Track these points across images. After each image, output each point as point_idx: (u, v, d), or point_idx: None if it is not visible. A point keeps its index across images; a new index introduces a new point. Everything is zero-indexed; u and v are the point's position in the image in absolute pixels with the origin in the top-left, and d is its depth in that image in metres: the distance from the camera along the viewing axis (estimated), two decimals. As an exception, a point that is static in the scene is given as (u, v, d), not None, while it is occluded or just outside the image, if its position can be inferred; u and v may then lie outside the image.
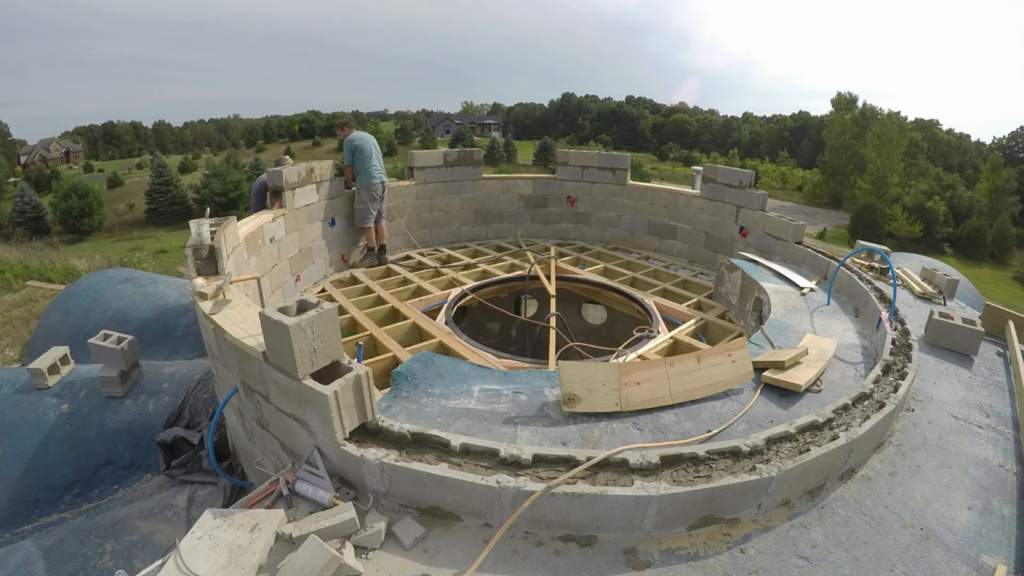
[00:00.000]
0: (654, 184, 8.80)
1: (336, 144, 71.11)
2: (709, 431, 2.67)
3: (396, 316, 5.48)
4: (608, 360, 4.17)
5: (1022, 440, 3.07)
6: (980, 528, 2.45)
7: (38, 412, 4.11)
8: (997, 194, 45.44)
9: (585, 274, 6.69)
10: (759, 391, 3.05)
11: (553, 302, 5.83)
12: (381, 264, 6.97)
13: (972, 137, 67.37)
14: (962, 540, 2.37)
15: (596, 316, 7.48)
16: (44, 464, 3.93)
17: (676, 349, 4.80)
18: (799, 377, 3.08)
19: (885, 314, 3.85)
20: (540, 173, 11.40)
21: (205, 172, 43.14)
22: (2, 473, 3.82)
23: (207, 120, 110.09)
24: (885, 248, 5.16)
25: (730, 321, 5.46)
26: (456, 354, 4.44)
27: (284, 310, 2.32)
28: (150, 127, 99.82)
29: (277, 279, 5.64)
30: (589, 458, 2.31)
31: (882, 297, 4.26)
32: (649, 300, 5.80)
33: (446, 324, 5.10)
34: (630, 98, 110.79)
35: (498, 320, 7.49)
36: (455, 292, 6.00)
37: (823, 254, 5.37)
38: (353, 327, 5.16)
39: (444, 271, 6.77)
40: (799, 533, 2.33)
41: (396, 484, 2.27)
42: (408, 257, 7.42)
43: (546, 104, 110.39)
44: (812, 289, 4.90)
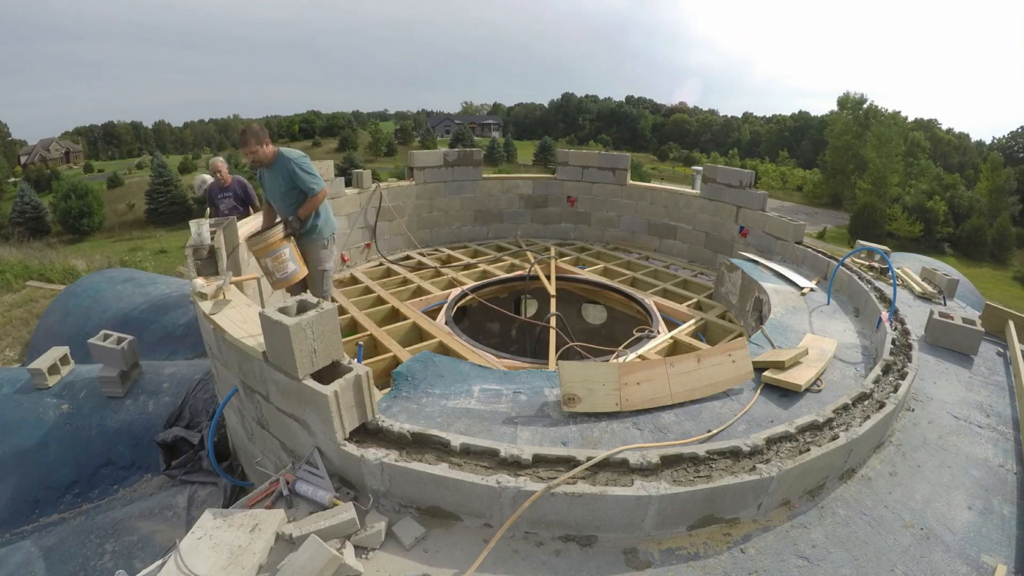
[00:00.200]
0: (654, 184, 8.80)
1: (336, 144, 71.12)
2: (709, 431, 2.67)
3: (396, 316, 5.49)
4: (608, 360, 4.17)
5: (1022, 440, 3.07)
6: (980, 528, 2.45)
7: (38, 412, 4.11)
8: (997, 194, 45.36)
9: (585, 274, 6.69)
10: (759, 391, 3.05)
11: (553, 302, 5.83)
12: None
13: (972, 137, 67.41)
14: (962, 540, 2.37)
15: (596, 316, 7.48)
16: (44, 464, 3.93)
17: (676, 349, 4.80)
18: (799, 377, 3.08)
19: (885, 314, 3.85)
20: (540, 173, 11.40)
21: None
22: (2, 473, 3.83)
23: (207, 120, 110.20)
24: (885, 248, 5.16)
25: (730, 321, 5.46)
26: (456, 354, 4.45)
27: (284, 310, 2.32)
28: (150, 127, 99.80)
29: (277, 279, 5.63)
30: (589, 458, 2.31)
31: (882, 297, 4.26)
32: (649, 300, 5.80)
33: (446, 324, 5.10)
34: (630, 98, 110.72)
35: (498, 320, 7.48)
36: (455, 292, 6.00)
37: (823, 254, 5.37)
38: (353, 327, 5.17)
39: (444, 271, 6.77)
40: (799, 533, 2.33)
41: (396, 484, 2.27)
42: (408, 257, 7.43)
43: (546, 104, 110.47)
44: (812, 289, 4.90)
